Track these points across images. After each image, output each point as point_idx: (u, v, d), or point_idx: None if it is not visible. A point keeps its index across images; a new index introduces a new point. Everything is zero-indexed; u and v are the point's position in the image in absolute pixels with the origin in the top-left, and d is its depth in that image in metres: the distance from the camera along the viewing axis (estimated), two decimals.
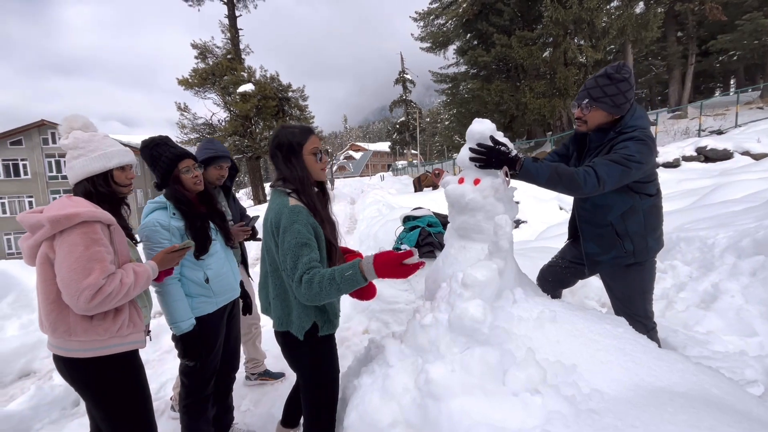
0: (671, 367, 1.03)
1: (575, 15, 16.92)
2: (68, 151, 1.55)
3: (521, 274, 1.76)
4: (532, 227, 11.15)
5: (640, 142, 1.71)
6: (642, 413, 0.81)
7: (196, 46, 19.54)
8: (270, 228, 1.44)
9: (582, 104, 1.84)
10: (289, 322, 1.48)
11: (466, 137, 1.79)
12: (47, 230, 1.34)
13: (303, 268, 1.27)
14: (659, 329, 2.65)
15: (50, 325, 1.40)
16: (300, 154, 1.51)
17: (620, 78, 1.75)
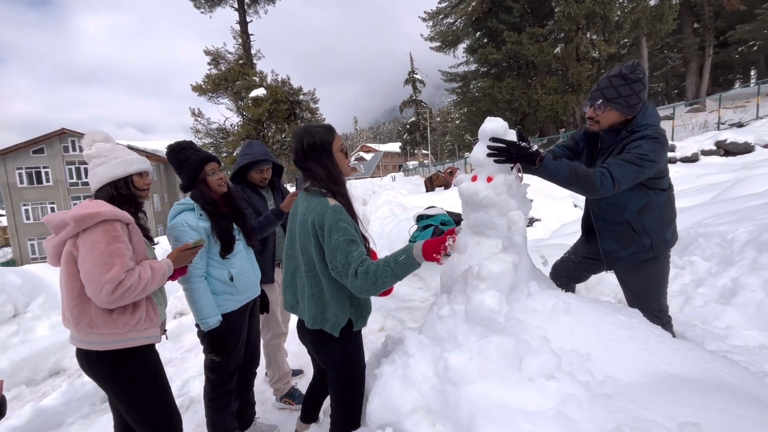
0: (685, 356, 1.05)
1: (588, 9, 16.67)
2: (92, 160, 1.69)
3: (535, 269, 1.79)
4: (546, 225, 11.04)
5: (653, 140, 1.71)
6: (655, 397, 0.84)
7: (208, 52, 19.93)
8: (311, 229, 1.44)
9: (595, 104, 1.84)
10: (323, 320, 1.50)
11: (479, 135, 1.83)
12: (72, 228, 1.44)
13: (356, 262, 1.31)
14: (677, 324, 2.64)
15: (73, 319, 1.50)
16: (331, 152, 1.54)
17: (635, 78, 1.74)
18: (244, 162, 2.44)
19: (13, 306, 4.19)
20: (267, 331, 2.62)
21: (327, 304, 1.50)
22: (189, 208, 1.95)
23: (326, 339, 1.55)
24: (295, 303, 1.63)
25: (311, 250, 1.47)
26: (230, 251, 2.01)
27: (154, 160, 28.26)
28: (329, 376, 1.65)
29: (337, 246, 1.35)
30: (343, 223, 1.39)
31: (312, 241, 1.45)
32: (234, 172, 2.51)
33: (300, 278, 1.57)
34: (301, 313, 1.60)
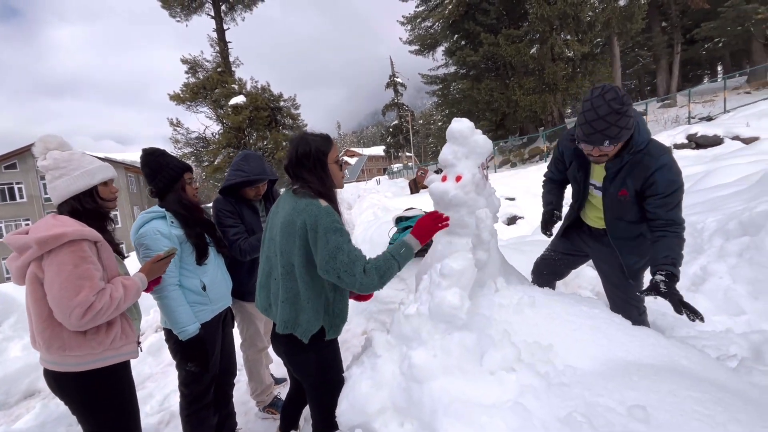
0: (643, 342, 1.09)
1: (560, 10, 17.10)
2: (49, 172, 1.54)
3: (506, 265, 1.82)
4: (529, 223, 11.21)
5: (674, 167, 1.75)
6: (608, 383, 0.87)
7: (186, 61, 19.66)
8: (299, 230, 1.40)
9: (602, 147, 1.75)
10: (295, 325, 1.48)
11: (447, 136, 1.86)
12: (34, 251, 1.36)
13: (362, 261, 1.34)
14: (651, 313, 2.72)
15: (44, 343, 1.42)
16: (326, 163, 1.53)
17: (626, 109, 1.67)
18: (237, 180, 2.26)
19: None
20: (249, 345, 2.57)
21: (301, 309, 1.48)
22: (160, 216, 1.91)
23: (298, 349, 1.52)
24: (268, 306, 1.59)
25: (293, 252, 1.44)
26: (206, 257, 1.98)
27: (133, 171, 27.66)
28: (305, 385, 1.63)
29: (338, 246, 1.34)
30: (339, 224, 1.40)
31: (297, 243, 1.42)
32: (224, 187, 2.31)
33: (275, 281, 1.54)
34: (273, 316, 1.56)
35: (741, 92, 17.74)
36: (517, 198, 12.09)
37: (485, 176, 1.70)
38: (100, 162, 1.64)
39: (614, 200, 1.93)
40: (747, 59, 21.84)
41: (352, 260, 1.32)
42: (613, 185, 1.90)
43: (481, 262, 1.60)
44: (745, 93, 17.59)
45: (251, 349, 2.56)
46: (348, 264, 1.32)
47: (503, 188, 12.23)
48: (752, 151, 10.67)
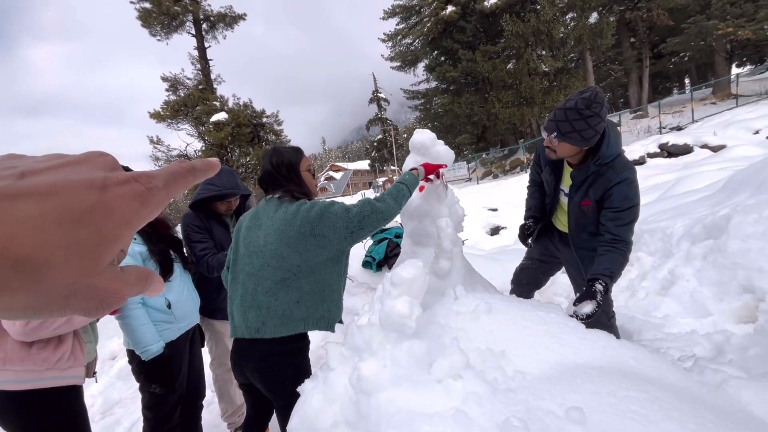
0: (593, 345, 1.10)
1: (533, 27, 17.78)
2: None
3: (472, 273, 1.83)
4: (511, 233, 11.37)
5: (634, 186, 1.78)
6: (553, 387, 0.87)
7: (166, 78, 19.56)
8: (301, 228, 1.42)
9: (550, 136, 1.81)
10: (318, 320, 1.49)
11: (410, 147, 1.88)
12: None
13: (370, 200, 1.49)
14: (620, 317, 2.76)
15: None
16: (299, 171, 1.61)
17: (590, 114, 1.67)
18: (208, 194, 2.21)
19: None
20: (218, 364, 2.50)
21: (321, 301, 1.49)
22: None
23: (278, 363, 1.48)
24: (261, 324, 1.47)
25: (301, 252, 1.43)
26: (170, 273, 1.94)
27: None
28: (278, 402, 1.54)
29: (343, 208, 1.45)
30: (327, 202, 1.49)
31: (304, 242, 1.42)
32: (195, 201, 2.25)
33: (266, 293, 1.46)
34: (272, 331, 1.46)
35: (707, 103, 18.60)
36: (499, 208, 12.28)
37: (445, 185, 1.72)
38: None
39: (577, 209, 1.96)
40: (711, 72, 23.00)
41: (363, 205, 1.46)
42: (578, 194, 1.94)
43: (444, 270, 1.61)
44: (711, 104, 18.45)
45: (221, 368, 2.48)
46: (362, 209, 1.45)
47: (486, 199, 12.42)
48: (720, 158, 11.15)
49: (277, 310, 1.45)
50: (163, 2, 18.55)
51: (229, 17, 20.64)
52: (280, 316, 1.45)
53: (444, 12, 20.42)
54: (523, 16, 18.97)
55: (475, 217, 11.74)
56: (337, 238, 1.43)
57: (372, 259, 3.34)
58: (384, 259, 3.30)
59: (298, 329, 1.47)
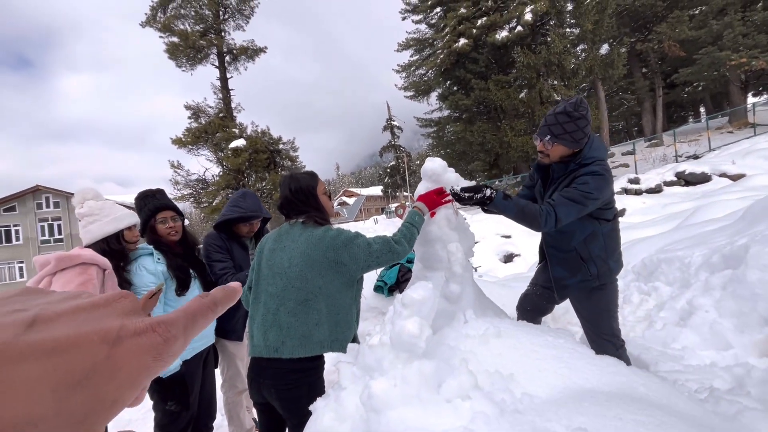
0: (602, 370, 1.10)
1: (544, 59, 18.17)
2: (84, 218, 1.81)
3: (483, 298, 1.85)
4: (525, 260, 11.23)
5: (599, 176, 1.83)
6: (560, 409, 0.88)
7: (189, 107, 20.48)
8: (326, 252, 1.54)
9: (544, 140, 1.94)
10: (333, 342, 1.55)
11: (421, 174, 1.96)
12: (52, 267, 1.52)
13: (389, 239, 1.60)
14: (636, 348, 2.69)
15: None
16: (316, 195, 1.70)
17: (578, 116, 1.85)
18: (233, 216, 2.30)
19: None
20: (229, 386, 2.51)
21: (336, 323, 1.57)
22: (147, 253, 1.98)
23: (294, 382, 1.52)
24: (281, 344, 1.52)
25: (322, 275, 1.54)
26: (186, 288, 2.01)
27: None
28: (293, 421, 1.57)
29: (366, 243, 1.57)
30: (352, 232, 1.60)
31: (325, 266, 1.54)
32: (219, 222, 2.36)
33: (288, 313, 1.52)
34: (290, 351, 1.50)
35: (724, 132, 18.44)
36: (512, 235, 12.19)
37: (455, 211, 1.78)
38: (126, 211, 1.92)
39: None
40: (727, 101, 22.90)
41: (383, 244, 1.57)
42: (551, 188, 2.01)
43: (454, 294, 1.64)
44: (727, 132, 18.29)
45: (231, 390, 2.50)
46: (382, 247, 1.57)
47: (499, 226, 12.35)
48: (740, 187, 10.94)
49: (298, 331, 1.51)
50: (190, 37, 19.72)
51: (251, 50, 21.76)
52: (299, 337, 1.50)
53: (457, 44, 21.12)
54: (534, 48, 19.47)
55: (488, 244, 11.66)
56: (355, 268, 1.56)
57: (384, 283, 3.37)
58: (395, 283, 3.32)
59: (315, 351, 1.52)
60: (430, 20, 24.66)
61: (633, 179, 14.57)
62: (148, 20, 20.18)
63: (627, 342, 2.24)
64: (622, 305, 3.83)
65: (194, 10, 20.53)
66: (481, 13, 21.29)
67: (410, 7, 24.34)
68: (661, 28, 20.12)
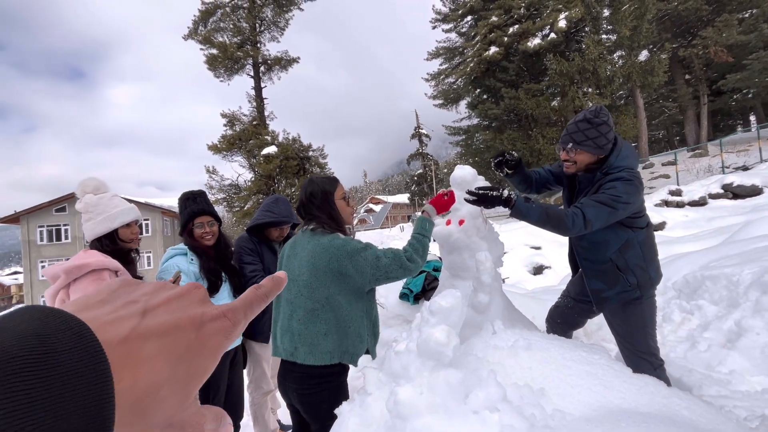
0: (640, 390, 1.05)
1: (578, 66, 17.67)
2: (82, 215, 1.72)
3: (512, 310, 1.80)
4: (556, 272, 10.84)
5: (627, 182, 1.78)
6: (595, 428, 0.85)
7: (225, 115, 21.35)
8: (330, 263, 1.49)
9: (567, 148, 1.92)
10: (343, 353, 1.53)
11: (450, 182, 1.95)
12: (63, 280, 1.52)
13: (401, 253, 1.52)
14: (677, 370, 2.53)
15: None
16: (332, 200, 1.66)
17: (599, 122, 1.84)
18: (265, 220, 2.38)
19: None
20: (255, 387, 2.57)
21: (344, 335, 1.53)
22: (182, 253, 2.07)
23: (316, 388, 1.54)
24: (294, 350, 1.56)
25: (327, 285, 1.51)
26: (216, 291, 2.08)
27: (169, 215, 29.20)
28: (315, 425, 1.60)
29: (375, 256, 1.49)
30: (362, 243, 1.54)
31: (330, 276, 1.50)
32: (252, 226, 2.45)
33: (298, 321, 1.55)
34: (304, 357, 1.54)
35: None
36: (543, 247, 11.80)
37: (485, 220, 1.75)
38: (123, 206, 1.77)
39: None
40: None
41: (395, 255, 1.50)
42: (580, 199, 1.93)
43: (482, 304, 1.61)
44: None
45: (257, 391, 2.55)
46: (392, 263, 1.49)
47: (529, 237, 12.01)
48: None
49: (307, 339, 1.53)
50: (228, 48, 20.63)
51: (284, 60, 22.48)
52: (309, 345, 1.53)
53: (487, 53, 20.94)
54: (568, 56, 19.00)
55: (517, 255, 11.35)
56: (361, 280, 1.50)
57: (409, 291, 3.35)
58: (422, 291, 3.30)
59: (324, 361, 1.52)
60: (461, 29, 24.62)
61: (674, 191, 13.81)
62: (190, 33, 21.30)
63: (666, 362, 2.11)
64: (662, 323, 3.63)
65: (233, 23, 21.50)
66: (512, 21, 21.05)
67: (441, 16, 24.42)
68: (707, 33, 19.14)
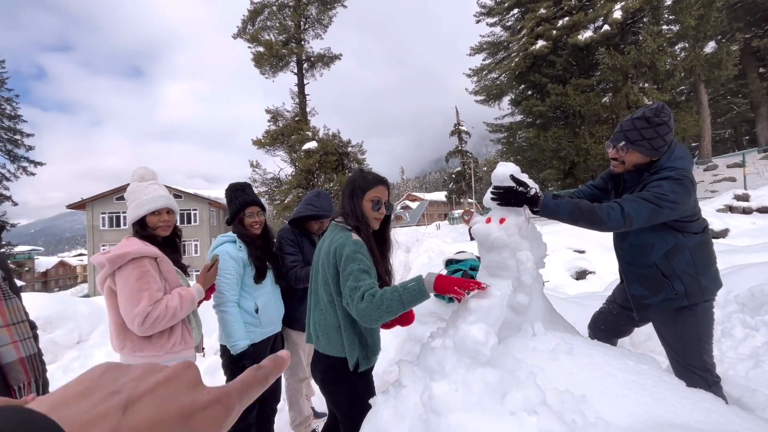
0: (695, 405, 0.98)
1: (634, 59, 16.54)
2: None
3: (553, 314, 1.74)
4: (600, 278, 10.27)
5: (675, 181, 1.66)
6: None
7: (269, 111, 22.13)
8: (332, 259, 1.50)
9: (618, 146, 1.83)
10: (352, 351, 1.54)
11: (492, 179, 1.90)
12: (107, 269, 1.64)
13: (366, 287, 1.34)
14: (737, 389, 2.33)
15: (119, 344, 1.68)
16: (361, 197, 1.64)
17: (659, 122, 1.72)
18: (307, 213, 2.48)
19: (78, 333, 4.64)
20: (291, 374, 2.67)
21: (359, 335, 1.56)
22: (231, 240, 2.18)
23: (333, 378, 1.59)
24: (316, 337, 1.65)
25: (330, 282, 1.54)
26: (263, 278, 2.19)
27: (215, 206, 30.78)
28: (338, 415, 1.66)
29: (350, 272, 1.40)
30: (361, 255, 1.47)
31: (330, 272, 1.52)
32: (294, 218, 2.55)
33: (320, 311, 1.62)
34: (323, 347, 1.61)
35: None
36: (587, 251, 11.22)
37: (527, 219, 1.69)
38: (153, 194, 1.83)
39: None
40: None
41: (356, 286, 1.35)
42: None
43: (521, 305, 1.56)
44: None
45: (293, 378, 2.64)
46: (352, 289, 1.35)
47: (572, 240, 11.47)
48: None
49: (325, 330, 1.58)
50: (274, 46, 21.31)
51: (327, 57, 22.91)
52: (326, 336, 1.58)
53: (534, 47, 20.12)
54: (622, 49, 17.83)
55: (558, 258, 10.88)
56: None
57: None
58: None
59: (340, 353, 1.56)
60: (506, 22, 23.82)
61: (741, 195, 12.60)
62: (239, 32, 22.21)
63: (724, 380, 1.95)
64: (720, 338, 3.35)
65: (278, 22, 22.18)
66: (562, 13, 20.06)
67: (485, 9, 23.74)
68: None
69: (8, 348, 1.00)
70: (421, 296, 1.30)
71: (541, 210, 1.67)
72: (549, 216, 1.70)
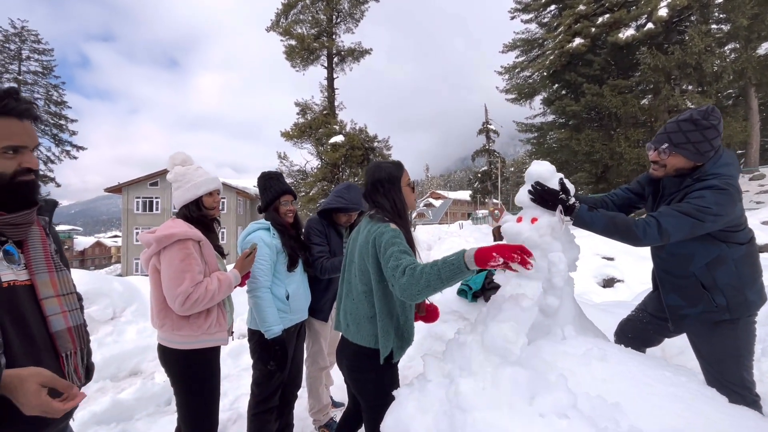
0: (738, 422, 0.93)
1: (678, 60, 15.71)
2: (171, 184, 1.92)
3: (583, 318, 1.69)
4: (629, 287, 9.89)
5: (720, 191, 1.56)
6: None
7: (298, 104, 22.41)
8: (371, 249, 1.51)
9: (660, 148, 1.73)
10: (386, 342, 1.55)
11: (525, 177, 1.85)
12: (154, 247, 1.71)
13: (406, 263, 1.32)
14: None
15: (159, 321, 1.76)
16: (399, 186, 1.67)
17: (707, 125, 1.62)
18: (336, 205, 2.49)
19: (113, 310, 4.88)
20: (312, 362, 2.71)
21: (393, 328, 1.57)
22: (265, 227, 2.23)
23: (362, 366, 1.61)
24: (347, 326, 1.67)
25: (371, 272, 1.55)
26: (296, 266, 2.23)
27: (242, 196, 31.59)
28: (362, 403, 1.68)
29: (391, 254, 1.40)
30: (400, 239, 1.48)
31: (371, 263, 1.53)
32: (323, 209, 2.58)
33: (352, 301, 1.64)
34: (353, 335, 1.63)
35: None
36: (616, 258, 10.83)
37: (562, 220, 1.64)
38: (208, 176, 1.93)
39: None
40: None
41: (398, 264, 1.34)
42: (662, 204, 1.75)
43: (551, 308, 1.53)
44: None
45: (314, 366, 2.68)
46: (394, 267, 1.34)
47: (600, 246, 11.06)
48: None
49: (356, 319, 1.61)
50: (306, 39, 21.53)
51: (357, 52, 22.94)
52: (357, 325, 1.61)
53: (570, 44, 19.45)
54: (666, 48, 16.97)
55: (585, 265, 10.52)
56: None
57: (468, 287, 3.28)
58: (481, 290, 3.21)
59: (369, 343, 1.57)
60: (542, 19, 23.13)
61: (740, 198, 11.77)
62: (272, 25, 22.55)
63: (764, 400, 1.83)
64: (760, 357, 3.16)
65: (311, 15, 22.36)
66: (602, 10, 19.28)
67: (521, 5, 23.12)
68: None
69: (58, 317, 1.06)
70: (460, 270, 1.19)
71: (575, 220, 1.62)
72: (582, 227, 1.65)
